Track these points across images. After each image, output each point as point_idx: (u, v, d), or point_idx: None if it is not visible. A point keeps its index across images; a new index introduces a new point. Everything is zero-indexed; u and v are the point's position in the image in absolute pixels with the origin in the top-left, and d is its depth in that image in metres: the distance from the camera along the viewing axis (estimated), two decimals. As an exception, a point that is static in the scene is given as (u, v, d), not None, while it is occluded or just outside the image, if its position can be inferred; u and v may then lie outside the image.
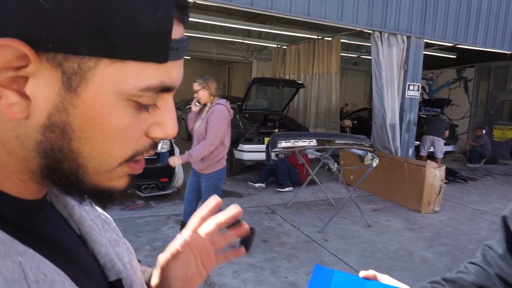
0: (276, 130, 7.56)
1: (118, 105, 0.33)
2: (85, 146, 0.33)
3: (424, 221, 5.05)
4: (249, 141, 6.72)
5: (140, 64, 0.32)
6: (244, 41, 11.46)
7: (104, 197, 0.38)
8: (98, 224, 0.48)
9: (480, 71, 11.68)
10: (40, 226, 0.38)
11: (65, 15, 0.29)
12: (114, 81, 0.32)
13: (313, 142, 4.47)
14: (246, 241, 3.45)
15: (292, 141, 4.34)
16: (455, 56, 11.00)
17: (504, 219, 0.75)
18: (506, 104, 10.95)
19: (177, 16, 0.34)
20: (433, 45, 8.45)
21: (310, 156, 5.86)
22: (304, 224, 4.65)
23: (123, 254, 0.49)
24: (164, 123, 0.37)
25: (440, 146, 8.25)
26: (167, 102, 0.37)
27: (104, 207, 0.39)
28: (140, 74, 0.33)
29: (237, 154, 6.80)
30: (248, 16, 10.51)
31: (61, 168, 0.34)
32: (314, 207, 5.43)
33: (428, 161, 5.62)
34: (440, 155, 8.24)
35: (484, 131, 9.81)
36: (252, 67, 13.91)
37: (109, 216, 0.53)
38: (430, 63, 11.32)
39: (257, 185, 6.32)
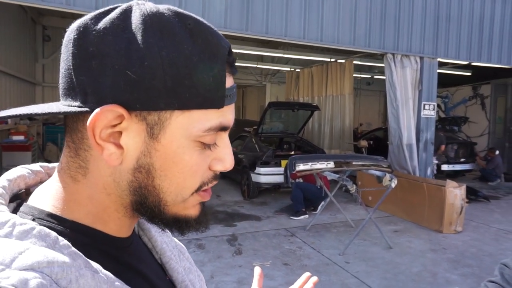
0: (292, 152, 7.63)
1: (188, 145, 0.41)
2: (164, 182, 0.41)
3: (446, 241, 4.96)
4: (266, 164, 6.79)
5: (203, 111, 0.40)
6: (257, 66, 11.73)
7: (182, 225, 0.45)
8: (175, 254, 0.57)
9: (496, 88, 11.58)
10: (130, 259, 0.46)
11: (147, 82, 0.37)
12: (184, 126, 0.40)
13: (331, 164, 4.52)
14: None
15: (310, 163, 4.40)
16: (470, 74, 10.98)
17: None
18: (526, 120, 10.77)
19: (228, 70, 0.43)
20: (447, 63, 8.49)
21: (328, 178, 5.88)
22: (325, 247, 4.63)
23: (195, 280, 0.58)
24: (224, 158, 0.45)
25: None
26: (224, 140, 0.45)
27: (183, 234, 0.47)
28: (203, 119, 0.41)
29: (254, 177, 6.87)
30: (261, 41, 10.80)
31: (147, 202, 0.42)
32: (334, 229, 5.40)
33: (448, 180, 5.56)
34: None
35: (497, 152, 9.53)
36: (266, 90, 14.14)
37: (183, 246, 0.62)
38: (445, 81, 11.31)
39: (301, 217, 5.86)
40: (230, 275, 3.74)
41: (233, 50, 0.43)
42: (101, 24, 0.38)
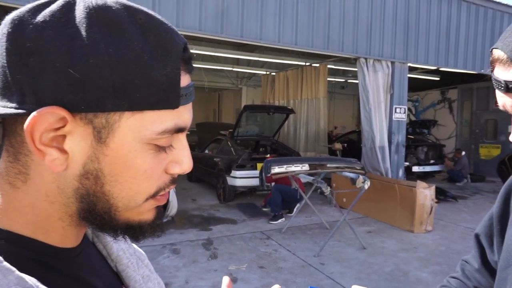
0: (268, 155, 7.65)
1: (141, 149, 0.38)
2: (115, 188, 0.39)
3: (417, 241, 5.10)
4: (242, 167, 6.78)
5: (156, 112, 0.38)
6: (233, 69, 11.72)
7: (136, 231, 0.42)
8: (133, 262, 0.54)
9: (463, 92, 12.09)
10: (78, 271, 0.43)
11: (92, 81, 0.34)
12: (136, 129, 0.37)
13: (306, 167, 4.56)
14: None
15: (285, 166, 4.43)
16: (438, 78, 11.41)
17: (477, 237, 0.83)
18: (490, 123, 11.29)
19: (183, 68, 0.40)
20: (417, 68, 8.78)
21: (302, 180, 5.92)
22: (300, 249, 4.66)
23: None
24: (181, 160, 0.42)
25: None
26: (182, 141, 0.43)
27: (137, 241, 0.44)
28: (157, 121, 0.38)
29: (230, 181, 6.84)
30: (237, 45, 10.81)
31: (96, 209, 0.39)
32: (309, 231, 5.45)
33: (418, 181, 5.74)
34: None
35: (463, 153, 9.94)
36: (241, 93, 14.16)
37: (143, 253, 0.59)
38: (415, 85, 11.68)
39: (279, 221, 5.80)
40: (205, 279, 3.69)
41: (209, 53, 0.40)
42: (40, 17, 0.35)
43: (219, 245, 4.72)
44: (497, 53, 0.59)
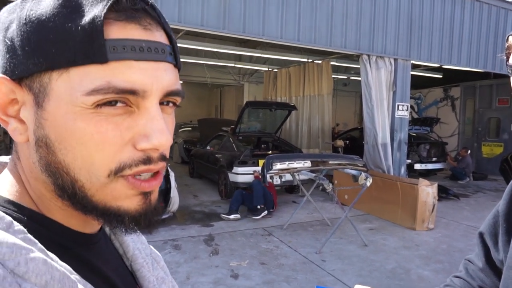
0: (270, 152, 7.64)
1: (81, 112, 0.35)
2: (67, 157, 0.36)
3: (419, 238, 5.09)
4: (243, 163, 6.77)
5: (81, 69, 0.34)
6: (235, 65, 11.69)
7: (111, 218, 0.38)
8: (148, 262, 0.52)
9: (466, 90, 12.03)
10: (94, 258, 0.42)
11: (10, 44, 0.35)
12: (66, 90, 0.35)
13: (308, 163, 4.55)
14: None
15: (287, 162, 4.42)
16: (441, 76, 11.35)
17: (481, 235, 0.82)
18: (493, 121, 11.24)
19: (124, 17, 0.35)
20: (420, 65, 8.74)
21: (304, 177, 5.91)
22: (301, 245, 4.66)
23: None
24: (148, 133, 0.36)
25: None
26: (149, 110, 0.37)
27: (112, 229, 0.43)
28: (84, 79, 0.34)
29: (232, 177, 6.83)
30: (239, 41, 10.78)
31: (62, 184, 0.37)
32: (310, 228, 5.45)
33: (420, 179, 5.72)
34: None
35: (469, 151, 9.92)
36: (243, 90, 14.13)
37: (159, 254, 0.57)
38: (417, 83, 11.63)
39: (232, 216, 5.73)
40: (206, 275, 3.69)
41: (211, 49, 0.35)
42: None
43: (220, 241, 4.73)
44: None
